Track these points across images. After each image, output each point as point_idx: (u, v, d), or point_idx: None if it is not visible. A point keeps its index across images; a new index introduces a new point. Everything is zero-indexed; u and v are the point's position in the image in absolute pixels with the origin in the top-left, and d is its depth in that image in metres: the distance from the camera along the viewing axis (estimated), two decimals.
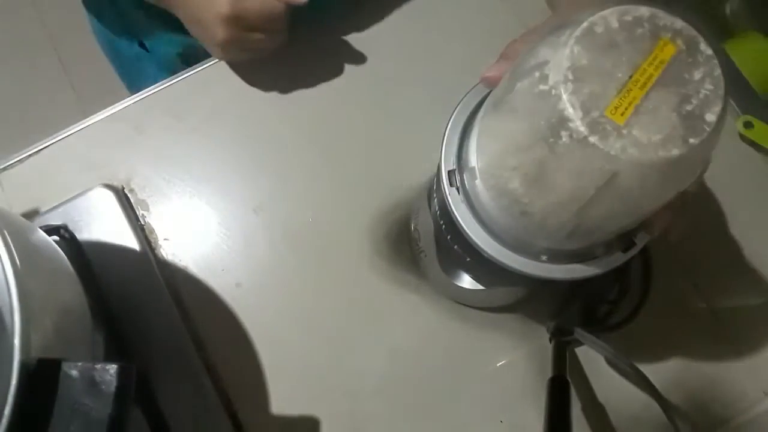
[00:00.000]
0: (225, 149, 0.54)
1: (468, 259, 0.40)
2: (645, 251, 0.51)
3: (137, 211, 0.52)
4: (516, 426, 0.49)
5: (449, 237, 0.40)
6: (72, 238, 0.49)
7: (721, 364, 0.51)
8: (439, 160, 0.34)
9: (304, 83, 0.56)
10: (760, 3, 0.59)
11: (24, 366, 0.29)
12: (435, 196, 0.40)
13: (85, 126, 0.54)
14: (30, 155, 0.53)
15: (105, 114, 0.54)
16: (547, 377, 0.47)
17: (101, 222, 0.50)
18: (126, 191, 0.52)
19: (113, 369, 0.29)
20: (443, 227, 0.40)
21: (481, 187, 0.32)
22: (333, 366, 0.49)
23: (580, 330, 0.47)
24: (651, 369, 0.49)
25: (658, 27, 0.25)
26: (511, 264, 0.33)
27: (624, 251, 0.33)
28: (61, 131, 0.54)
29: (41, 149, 0.53)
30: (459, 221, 0.33)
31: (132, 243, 0.49)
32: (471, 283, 0.47)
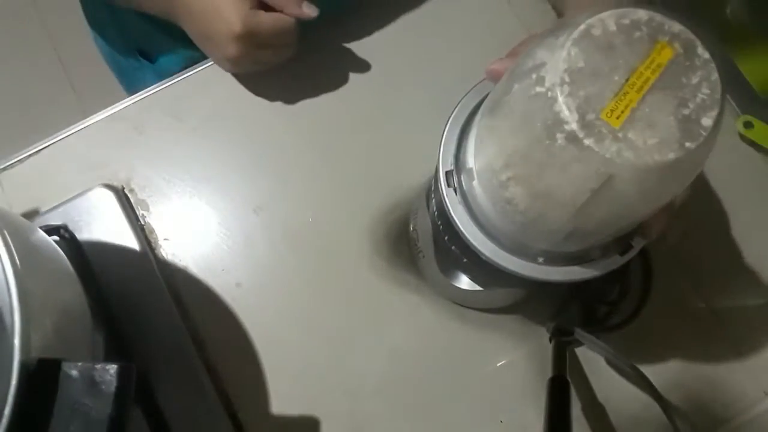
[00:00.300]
0: (225, 149, 0.54)
1: (465, 260, 0.40)
2: (645, 252, 0.51)
3: (137, 211, 0.52)
4: (516, 426, 0.49)
5: (447, 238, 0.40)
6: (72, 238, 0.49)
7: (721, 364, 0.51)
8: (437, 160, 0.34)
9: (304, 84, 0.56)
10: (760, 3, 0.58)
11: (24, 366, 0.29)
12: (433, 196, 0.40)
13: (85, 126, 0.54)
14: (30, 155, 0.53)
15: (105, 114, 0.54)
16: (547, 377, 0.47)
17: (101, 222, 0.50)
18: (126, 191, 0.52)
19: (113, 369, 0.29)
20: (441, 228, 0.40)
21: (479, 189, 0.32)
22: (333, 366, 0.50)
23: (580, 330, 0.47)
24: (651, 369, 0.49)
25: (655, 30, 0.25)
26: (508, 266, 0.33)
27: (621, 254, 0.33)
28: (61, 131, 0.54)
29: (41, 149, 0.53)
30: (456, 222, 0.33)
31: (132, 243, 0.49)
32: (469, 284, 0.47)
